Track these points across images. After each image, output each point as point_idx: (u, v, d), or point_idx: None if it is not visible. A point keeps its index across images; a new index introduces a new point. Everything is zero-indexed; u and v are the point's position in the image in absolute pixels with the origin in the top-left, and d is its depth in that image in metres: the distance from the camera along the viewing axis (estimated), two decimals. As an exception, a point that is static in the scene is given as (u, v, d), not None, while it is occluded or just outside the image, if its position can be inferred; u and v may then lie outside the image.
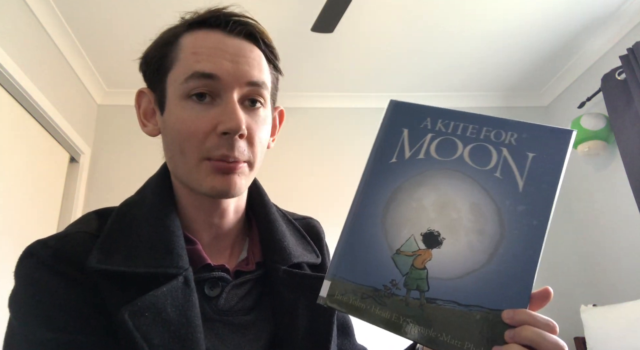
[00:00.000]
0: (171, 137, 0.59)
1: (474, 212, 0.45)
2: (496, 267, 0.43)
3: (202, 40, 0.58)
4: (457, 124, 0.48)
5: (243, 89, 0.57)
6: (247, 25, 0.59)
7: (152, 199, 0.60)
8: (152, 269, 0.52)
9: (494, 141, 0.47)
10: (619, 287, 2.47)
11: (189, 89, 0.56)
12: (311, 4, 2.15)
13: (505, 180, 0.45)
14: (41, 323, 0.49)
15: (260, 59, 0.60)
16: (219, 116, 0.55)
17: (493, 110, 3.16)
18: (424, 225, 0.45)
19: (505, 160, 0.46)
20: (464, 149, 0.47)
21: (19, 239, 2.05)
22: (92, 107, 2.84)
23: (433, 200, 0.45)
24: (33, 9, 2.10)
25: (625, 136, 2.27)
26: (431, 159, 0.47)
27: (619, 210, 2.48)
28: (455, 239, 0.44)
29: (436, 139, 0.48)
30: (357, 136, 3.01)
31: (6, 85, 1.94)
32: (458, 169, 0.46)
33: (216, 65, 0.56)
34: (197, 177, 0.56)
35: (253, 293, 0.61)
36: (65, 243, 0.53)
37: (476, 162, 0.46)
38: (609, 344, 2.09)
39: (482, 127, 0.48)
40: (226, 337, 0.56)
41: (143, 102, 0.66)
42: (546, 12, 2.37)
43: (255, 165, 0.59)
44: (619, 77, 2.33)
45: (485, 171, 0.46)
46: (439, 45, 2.62)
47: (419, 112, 0.49)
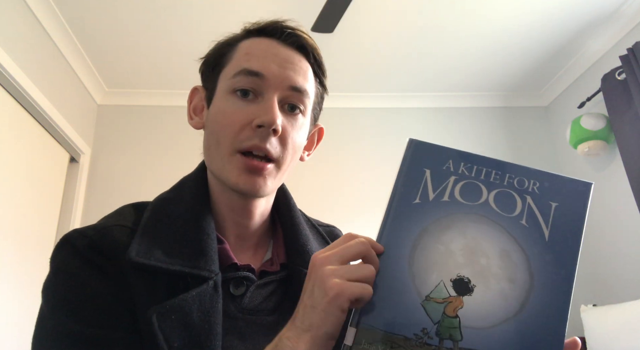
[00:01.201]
0: (211, 128, 0.62)
1: (504, 259, 0.44)
2: (528, 316, 0.42)
3: (256, 44, 0.63)
4: (480, 169, 0.47)
5: (285, 92, 0.60)
6: (300, 38, 0.64)
7: (188, 198, 0.62)
8: (187, 268, 0.53)
9: (518, 188, 0.46)
10: (619, 287, 2.47)
11: (235, 84, 0.60)
12: (311, 4, 2.15)
13: (531, 228, 0.45)
14: (70, 314, 0.50)
15: (307, 69, 0.64)
16: (257, 111, 0.58)
17: (493, 110, 3.16)
18: (452, 270, 0.43)
19: (530, 209, 0.45)
20: (489, 194, 0.46)
21: (19, 239, 2.05)
22: (92, 107, 2.84)
23: (461, 245, 0.44)
24: (33, 10, 2.10)
25: (625, 136, 2.27)
26: (456, 202, 0.45)
27: (619, 211, 2.48)
28: (487, 287, 0.43)
29: (460, 182, 0.46)
30: (357, 136, 3.01)
31: (6, 85, 1.94)
32: (485, 214, 0.45)
33: (263, 65, 0.59)
34: (228, 170, 0.58)
35: (276, 294, 0.62)
36: (102, 235, 0.54)
37: (502, 208, 0.45)
38: (609, 344, 2.09)
39: (505, 174, 0.47)
40: (247, 336, 0.57)
41: (195, 99, 0.69)
42: (546, 12, 2.37)
43: (283, 167, 0.61)
44: (619, 77, 2.33)
45: (512, 218, 0.45)
46: (438, 46, 2.62)
47: (440, 153, 0.48)
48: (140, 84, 2.88)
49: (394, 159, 2.97)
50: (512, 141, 3.09)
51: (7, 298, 1.95)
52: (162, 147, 2.81)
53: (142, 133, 2.87)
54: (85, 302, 0.51)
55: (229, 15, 2.28)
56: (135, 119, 2.91)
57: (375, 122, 3.07)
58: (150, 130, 2.88)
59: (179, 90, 2.92)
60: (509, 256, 0.44)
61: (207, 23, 2.34)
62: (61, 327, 0.50)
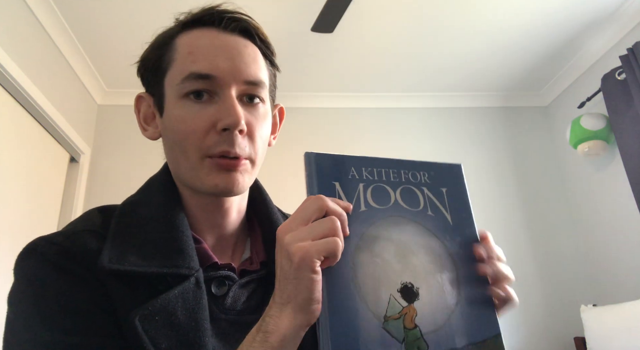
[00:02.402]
0: (171, 137, 0.59)
1: (429, 253, 0.45)
2: (465, 301, 0.45)
3: (196, 39, 0.58)
4: (379, 170, 0.48)
5: (240, 87, 0.57)
6: (241, 21, 0.59)
7: (158, 198, 0.60)
8: (165, 269, 0.52)
9: (414, 182, 0.48)
10: (619, 287, 2.47)
11: (185, 89, 0.56)
12: (311, 4, 2.15)
13: (437, 217, 0.47)
14: (46, 324, 0.47)
15: (255, 54, 0.60)
16: (218, 113, 0.55)
17: (493, 110, 3.16)
18: (395, 280, 0.43)
19: (430, 199, 0.48)
20: (395, 194, 0.47)
21: (19, 239, 2.05)
22: (92, 107, 2.84)
23: (393, 251, 0.44)
24: (33, 9, 2.10)
25: (625, 136, 2.27)
26: (373, 209, 0.45)
27: (619, 210, 2.48)
28: (428, 286, 0.44)
29: (368, 188, 0.46)
30: (356, 136, 3.01)
31: (6, 85, 1.94)
32: (399, 213, 0.46)
33: (212, 65, 0.55)
34: (199, 176, 0.56)
35: (257, 293, 0.61)
36: (73, 241, 0.52)
37: (409, 204, 0.47)
38: (609, 344, 2.09)
39: (400, 170, 0.48)
40: (231, 336, 0.55)
41: (142, 107, 0.66)
42: (546, 12, 2.37)
43: (257, 162, 0.59)
44: (619, 77, 2.33)
45: (420, 212, 0.47)
46: (439, 46, 2.62)
47: (343, 162, 0.47)
48: (140, 84, 2.87)
49: (394, 159, 2.97)
50: (512, 141, 3.09)
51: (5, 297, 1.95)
52: (161, 147, 2.81)
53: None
54: (60, 310, 0.48)
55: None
56: (135, 119, 2.89)
57: (375, 122, 3.07)
58: (150, 130, 2.87)
59: (179, 90, 2.91)
60: (432, 249, 0.46)
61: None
62: (36, 337, 0.47)
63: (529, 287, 2.73)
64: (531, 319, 2.65)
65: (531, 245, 2.83)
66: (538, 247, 2.83)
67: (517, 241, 2.83)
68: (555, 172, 3.01)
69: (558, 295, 2.72)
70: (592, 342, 2.20)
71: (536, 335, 2.63)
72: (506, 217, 2.88)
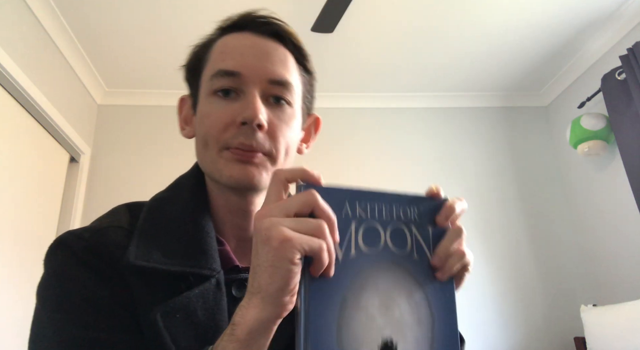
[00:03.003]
0: (198, 132, 0.61)
1: (410, 302, 0.44)
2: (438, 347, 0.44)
3: (229, 41, 0.61)
4: (372, 206, 0.44)
5: (265, 86, 0.58)
6: (274, 25, 0.62)
7: (186, 197, 0.61)
8: (187, 268, 0.53)
9: (404, 220, 0.45)
10: (619, 287, 2.47)
11: (213, 86, 0.59)
12: (311, 4, 2.15)
13: (420, 260, 0.45)
14: (69, 318, 0.49)
15: (285, 57, 0.61)
16: (240, 108, 0.57)
17: (493, 110, 3.16)
18: (377, 337, 0.42)
19: (416, 238, 0.45)
20: (385, 235, 0.44)
21: (19, 239, 2.05)
22: (92, 107, 2.84)
23: (377, 303, 0.43)
24: (33, 10, 2.10)
25: (625, 136, 2.27)
26: (363, 255, 0.43)
27: (619, 210, 2.48)
28: (404, 340, 0.43)
29: (360, 228, 0.43)
30: (356, 136, 3.01)
31: (6, 85, 1.94)
32: (387, 258, 0.44)
33: (239, 63, 0.58)
34: (218, 168, 0.58)
35: None
36: (99, 237, 0.54)
37: (398, 246, 0.45)
38: (609, 344, 2.09)
39: (392, 206, 0.45)
40: None
41: (184, 109, 0.68)
42: (546, 12, 2.37)
43: (278, 160, 0.59)
44: (619, 77, 2.33)
45: (406, 255, 0.45)
46: (438, 46, 2.62)
47: (337, 196, 0.43)
48: (140, 84, 2.88)
49: (394, 159, 2.97)
50: (512, 141, 3.09)
51: (7, 298, 1.95)
52: (162, 147, 2.81)
53: (142, 133, 2.87)
54: (84, 305, 0.50)
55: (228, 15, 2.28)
56: (135, 119, 2.91)
57: (375, 122, 3.07)
58: (150, 130, 2.88)
59: (179, 90, 2.89)
60: (413, 297, 0.44)
61: (207, 23, 2.33)
62: (61, 331, 0.49)
63: (529, 287, 2.74)
64: (531, 319, 2.66)
65: (531, 245, 2.83)
66: (538, 247, 2.83)
67: (517, 241, 2.83)
68: (555, 172, 3.01)
69: (558, 295, 2.72)
70: (592, 342, 2.20)
71: (536, 335, 2.63)
72: (506, 217, 2.88)
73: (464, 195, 2.86)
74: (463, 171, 2.95)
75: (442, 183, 2.72)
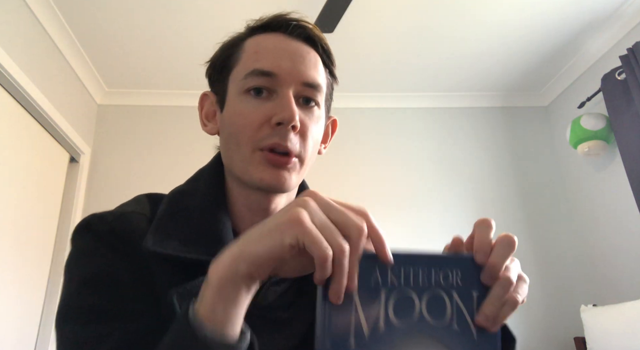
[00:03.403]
0: (228, 131, 0.61)
1: None
2: None
3: (262, 41, 0.62)
4: (407, 271, 0.40)
5: (298, 88, 0.60)
6: (306, 29, 0.63)
7: (205, 190, 0.62)
8: (203, 256, 0.53)
9: (444, 286, 0.41)
10: (619, 287, 2.47)
11: (247, 85, 0.59)
12: (311, 4, 2.15)
13: (462, 331, 0.40)
14: (95, 291, 0.52)
15: (316, 61, 0.63)
16: (274, 108, 0.57)
17: (493, 110, 3.16)
18: None
19: (458, 307, 0.41)
20: (421, 304, 0.40)
21: (19, 239, 2.05)
22: (92, 107, 2.84)
23: None
24: (33, 10, 2.10)
25: (625, 136, 2.27)
26: (394, 329, 0.39)
27: (619, 210, 2.48)
28: None
29: (391, 297, 0.39)
30: (357, 136, 3.01)
31: (6, 85, 1.94)
32: (421, 330, 0.39)
33: (274, 64, 0.59)
34: (248, 169, 0.58)
35: (291, 290, 0.62)
36: (122, 221, 0.56)
37: (435, 317, 0.40)
38: (609, 344, 2.09)
39: (431, 269, 0.41)
40: (262, 332, 0.56)
41: (206, 104, 0.69)
42: (546, 12, 2.38)
43: (306, 162, 0.61)
44: (619, 77, 2.33)
45: (445, 327, 0.40)
46: (438, 46, 2.62)
47: (365, 260, 0.39)
48: (140, 84, 2.88)
49: (394, 160, 2.97)
50: (512, 141, 3.09)
51: (7, 298, 1.95)
52: (162, 147, 2.82)
53: (142, 133, 2.87)
54: (109, 280, 0.52)
55: (228, 15, 2.28)
56: (135, 119, 2.91)
57: (375, 122, 3.07)
58: (150, 130, 2.88)
59: (179, 90, 2.92)
60: None
61: (208, 23, 2.34)
62: (86, 303, 0.51)
63: (529, 287, 2.73)
64: (531, 319, 2.66)
65: (531, 245, 2.83)
66: (538, 247, 2.83)
67: (517, 241, 2.83)
68: (555, 172, 3.01)
69: (558, 295, 2.72)
70: (592, 342, 2.20)
71: (536, 335, 2.63)
72: (506, 217, 2.88)
73: (464, 194, 2.86)
74: (462, 171, 2.95)
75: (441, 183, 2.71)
